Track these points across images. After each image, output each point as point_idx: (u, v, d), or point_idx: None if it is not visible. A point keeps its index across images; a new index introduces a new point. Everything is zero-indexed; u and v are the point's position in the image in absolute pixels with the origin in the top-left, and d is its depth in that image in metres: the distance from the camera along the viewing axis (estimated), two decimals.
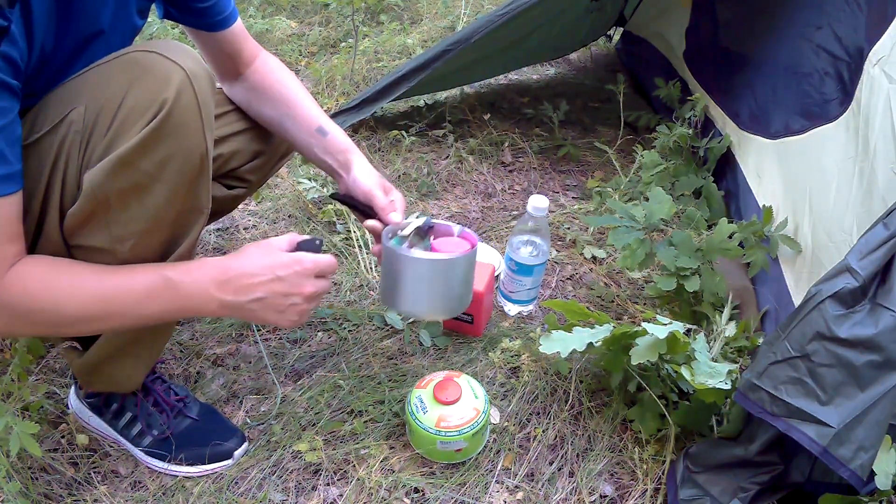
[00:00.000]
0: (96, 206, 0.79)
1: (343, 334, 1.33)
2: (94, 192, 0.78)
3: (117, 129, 0.77)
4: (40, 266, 0.81)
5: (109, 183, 0.78)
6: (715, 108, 1.76)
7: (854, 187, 1.09)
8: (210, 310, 0.88)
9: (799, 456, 0.90)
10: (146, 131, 0.76)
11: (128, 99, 0.77)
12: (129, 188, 0.79)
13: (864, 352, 0.78)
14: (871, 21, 1.15)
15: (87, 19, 0.84)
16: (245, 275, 0.87)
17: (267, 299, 0.89)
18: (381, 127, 2.02)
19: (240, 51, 1.11)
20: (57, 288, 0.80)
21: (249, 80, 1.14)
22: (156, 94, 0.77)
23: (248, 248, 0.92)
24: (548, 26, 2.01)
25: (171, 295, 0.85)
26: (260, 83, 1.14)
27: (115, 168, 0.77)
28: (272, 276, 0.88)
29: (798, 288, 1.21)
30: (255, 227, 1.63)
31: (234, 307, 0.88)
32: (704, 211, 1.60)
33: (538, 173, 1.89)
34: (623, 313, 1.40)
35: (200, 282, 0.86)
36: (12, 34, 0.70)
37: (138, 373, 1.04)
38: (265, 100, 1.13)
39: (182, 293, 0.85)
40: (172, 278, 0.85)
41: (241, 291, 0.87)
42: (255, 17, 2.71)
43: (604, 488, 1.06)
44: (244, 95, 1.15)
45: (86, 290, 0.82)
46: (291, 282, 0.90)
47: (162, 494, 1.03)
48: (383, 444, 1.11)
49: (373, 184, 1.06)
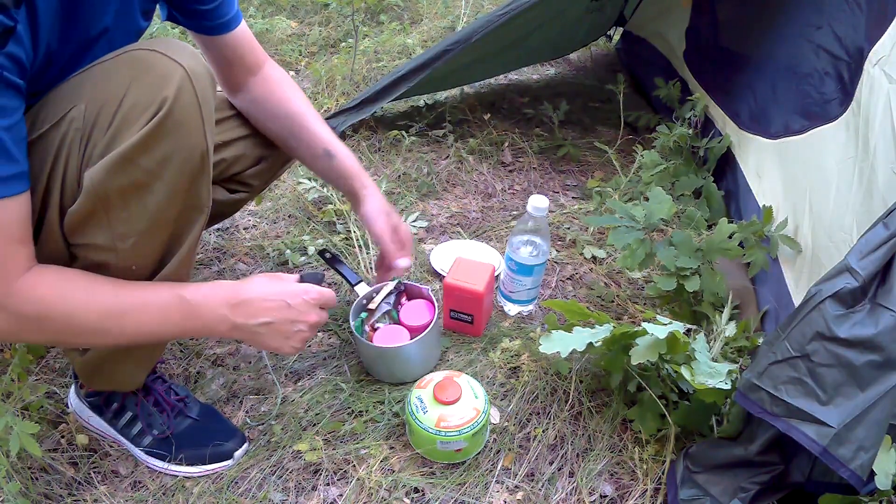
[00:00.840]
0: (97, 205, 0.79)
1: (344, 335, 1.33)
2: (94, 191, 0.78)
3: (118, 127, 0.77)
4: (55, 274, 0.81)
5: (110, 181, 0.78)
6: (715, 108, 1.76)
7: (854, 187, 1.09)
8: (220, 331, 0.91)
9: (799, 456, 0.90)
10: (147, 129, 0.76)
11: (128, 97, 0.77)
12: (129, 186, 0.79)
13: (864, 352, 0.78)
14: (871, 21, 1.15)
15: (91, 20, 0.84)
16: (257, 299, 0.92)
17: (275, 324, 0.93)
18: (381, 127, 2.02)
19: (242, 56, 1.11)
20: (72, 298, 0.81)
21: (253, 92, 1.13)
22: (156, 92, 0.77)
23: (258, 276, 0.97)
24: (548, 26, 2.01)
25: (185, 314, 0.87)
26: (265, 97, 1.13)
27: (116, 166, 0.77)
28: (282, 303, 0.93)
29: (798, 288, 1.21)
30: (255, 227, 1.63)
31: (244, 329, 0.92)
32: (704, 211, 1.60)
33: (538, 173, 1.89)
34: (623, 313, 1.40)
35: (214, 303, 0.89)
36: (18, 34, 0.70)
37: (139, 372, 1.04)
38: (271, 116, 1.14)
39: (196, 313, 0.88)
40: (188, 298, 0.87)
41: (252, 315, 0.91)
42: (255, 16, 2.71)
43: (604, 488, 1.06)
44: (249, 107, 1.14)
45: (101, 303, 0.83)
46: (299, 310, 0.95)
47: (162, 494, 1.03)
48: (383, 444, 1.11)
49: (382, 227, 1.18)
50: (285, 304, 0.94)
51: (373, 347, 1.18)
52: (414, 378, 1.17)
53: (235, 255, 1.53)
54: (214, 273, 1.47)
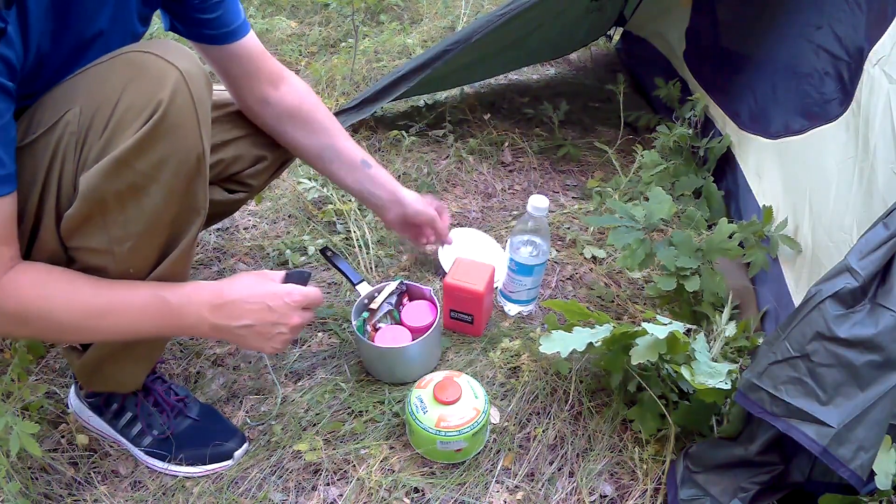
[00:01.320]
0: (93, 208, 0.79)
1: (344, 335, 1.33)
2: (90, 194, 0.78)
3: (113, 130, 0.76)
4: (36, 274, 0.81)
5: (106, 184, 0.77)
6: (715, 108, 1.76)
7: (854, 187, 1.09)
8: (201, 331, 0.91)
9: (799, 456, 0.90)
10: (142, 132, 0.76)
11: (123, 100, 0.76)
12: (125, 189, 0.79)
13: (864, 352, 0.78)
14: (871, 21, 1.15)
15: (84, 21, 0.84)
16: (238, 301, 0.91)
17: (255, 327, 0.93)
18: (381, 127, 2.02)
19: (258, 68, 1.09)
20: (52, 297, 0.81)
21: (281, 106, 1.12)
22: (151, 95, 0.76)
23: (242, 275, 0.96)
24: (548, 26, 2.01)
25: (165, 314, 0.87)
26: (295, 110, 1.13)
27: (112, 169, 0.77)
28: (263, 306, 0.93)
29: (798, 288, 1.21)
30: (255, 227, 1.63)
31: (224, 331, 0.92)
32: (704, 211, 1.60)
33: (538, 173, 1.89)
34: (623, 313, 1.40)
35: (195, 304, 0.89)
36: (9, 35, 0.69)
37: (139, 373, 1.04)
38: (305, 130, 1.14)
39: (176, 314, 0.88)
40: (168, 299, 0.87)
41: (233, 317, 0.91)
42: (255, 17, 2.71)
43: (604, 488, 1.06)
44: (275, 122, 1.13)
45: (81, 302, 0.83)
46: (280, 312, 0.94)
47: (162, 494, 1.03)
48: (383, 444, 1.11)
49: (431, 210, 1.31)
50: (266, 306, 0.93)
51: (374, 348, 1.18)
52: (415, 378, 1.17)
53: (235, 255, 1.53)
54: (214, 273, 1.47)
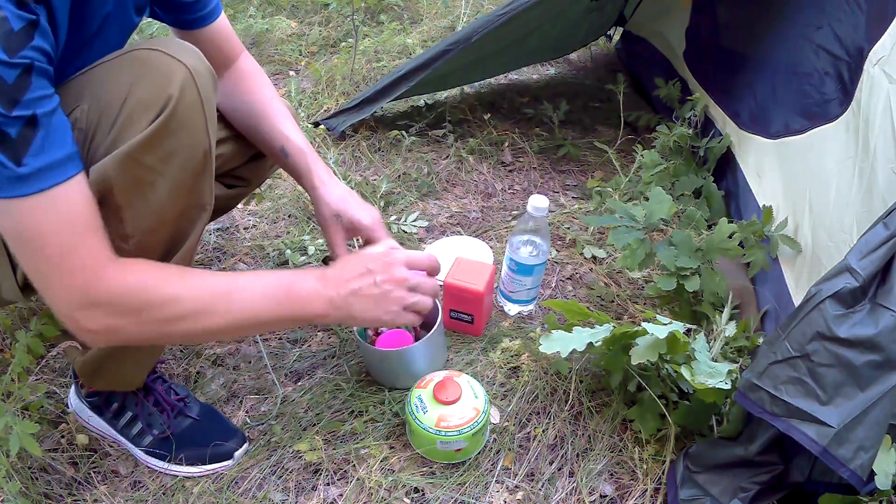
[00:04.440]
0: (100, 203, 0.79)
1: (343, 335, 1.33)
2: (98, 188, 0.78)
3: (121, 126, 0.77)
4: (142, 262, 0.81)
5: (114, 178, 0.77)
6: (715, 108, 1.76)
7: (854, 187, 1.09)
8: (317, 309, 0.91)
9: (799, 456, 0.90)
10: (152, 127, 0.76)
11: (131, 96, 0.77)
12: (133, 184, 0.79)
13: (864, 352, 0.78)
14: (871, 21, 1.15)
15: (93, 17, 0.84)
16: (342, 271, 0.94)
17: (362, 289, 0.93)
18: (381, 127, 2.02)
19: (219, 49, 1.09)
20: (174, 280, 0.81)
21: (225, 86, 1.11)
22: (160, 91, 0.77)
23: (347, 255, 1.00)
24: (548, 26, 2.01)
25: (285, 294, 0.89)
26: (232, 91, 1.11)
27: (120, 163, 0.77)
28: (363, 269, 0.94)
29: (798, 288, 1.21)
30: (255, 227, 1.63)
31: (337, 303, 0.92)
32: (704, 211, 1.60)
33: (538, 173, 1.89)
34: (623, 313, 1.40)
35: (309, 280, 0.91)
36: (43, 27, 0.69)
37: (140, 372, 1.04)
38: (236, 110, 1.12)
39: (295, 292, 0.89)
40: (283, 275, 0.90)
41: (340, 286, 0.92)
42: (255, 16, 2.71)
43: (604, 488, 1.06)
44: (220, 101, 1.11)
45: (203, 284, 0.83)
46: (381, 270, 0.95)
47: (162, 494, 1.03)
48: (383, 444, 1.11)
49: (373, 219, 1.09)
50: (366, 269, 0.94)
51: (376, 351, 1.18)
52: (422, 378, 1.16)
53: (235, 255, 1.53)
54: None
